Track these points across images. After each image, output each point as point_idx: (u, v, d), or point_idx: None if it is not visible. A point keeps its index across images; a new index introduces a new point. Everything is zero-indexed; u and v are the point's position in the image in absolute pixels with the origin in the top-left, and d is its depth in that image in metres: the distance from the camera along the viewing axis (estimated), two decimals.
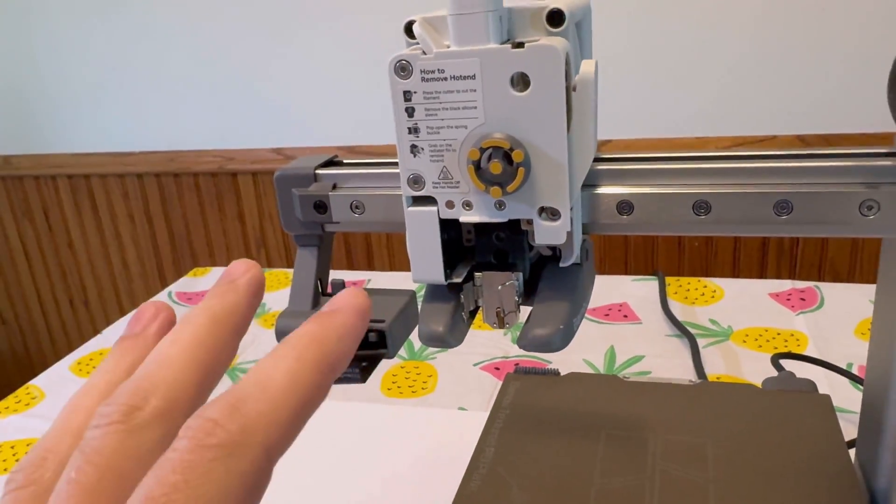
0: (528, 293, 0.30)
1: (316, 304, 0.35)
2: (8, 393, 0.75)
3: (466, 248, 0.30)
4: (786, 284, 0.83)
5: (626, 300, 0.83)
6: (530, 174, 0.25)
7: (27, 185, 1.66)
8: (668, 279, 0.86)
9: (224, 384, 0.19)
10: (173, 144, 1.51)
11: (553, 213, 0.26)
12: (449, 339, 0.29)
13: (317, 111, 1.40)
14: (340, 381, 0.32)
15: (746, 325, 0.75)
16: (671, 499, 0.40)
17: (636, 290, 0.85)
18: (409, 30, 0.27)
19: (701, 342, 0.72)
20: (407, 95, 0.26)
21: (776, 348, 0.70)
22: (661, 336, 0.75)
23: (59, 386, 0.76)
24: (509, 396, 0.51)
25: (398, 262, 1.44)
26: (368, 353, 0.32)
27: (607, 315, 0.80)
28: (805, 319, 0.76)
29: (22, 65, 1.55)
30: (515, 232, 0.29)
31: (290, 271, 0.99)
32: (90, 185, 1.60)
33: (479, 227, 0.29)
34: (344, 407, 0.66)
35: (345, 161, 0.35)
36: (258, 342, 0.81)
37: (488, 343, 0.76)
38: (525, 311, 0.30)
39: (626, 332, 0.76)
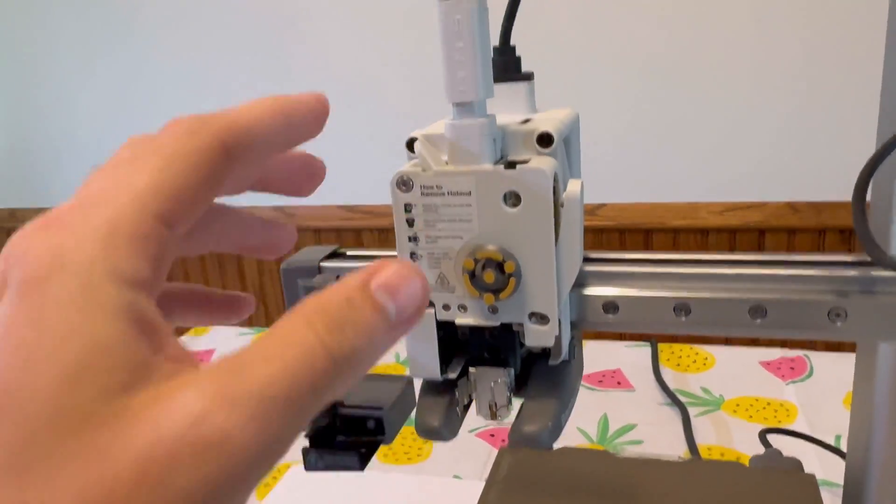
0: (520, 386, 0.32)
1: None
2: None
3: (461, 341, 0.31)
4: (776, 353, 0.85)
5: (619, 367, 0.85)
6: (521, 283, 0.27)
7: None
8: (661, 346, 0.87)
9: None
10: None
11: (542, 318, 0.28)
12: (444, 432, 0.30)
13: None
14: (340, 468, 0.34)
15: (738, 394, 0.77)
16: None
17: (630, 357, 0.87)
18: (410, 145, 0.29)
19: (692, 411, 0.73)
20: (408, 207, 0.28)
21: (766, 419, 0.72)
22: (653, 404, 0.76)
23: None
24: (503, 470, 0.53)
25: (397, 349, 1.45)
26: (367, 439, 0.34)
27: (601, 382, 0.82)
28: (795, 389, 0.77)
29: (28, 120, 1.59)
30: (507, 332, 0.30)
31: None
32: None
33: (474, 327, 0.31)
34: (340, 476, 0.67)
35: (347, 253, 0.37)
36: None
37: None
38: (517, 402, 0.32)
39: (620, 399, 0.78)
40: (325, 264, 0.36)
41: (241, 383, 0.16)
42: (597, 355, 0.87)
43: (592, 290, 0.32)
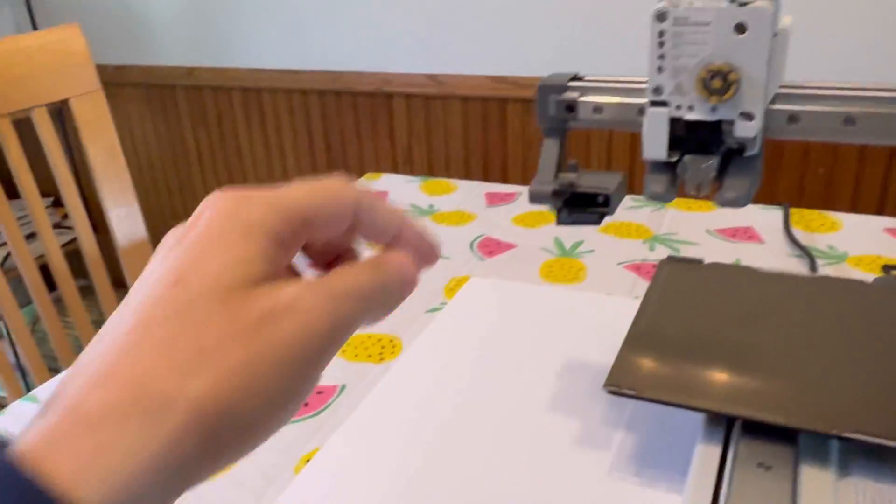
0: (718, 175, 0.44)
1: (556, 177, 0.51)
2: None
3: (680, 137, 0.44)
4: None
5: (751, 225, 0.95)
6: (740, 89, 0.40)
7: (206, 96, 1.88)
8: (792, 210, 0.97)
9: None
10: (337, 65, 1.68)
11: (749, 116, 0.40)
12: (667, 196, 0.44)
13: (469, 42, 1.54)
14: (581, 223, 0.48)
15: (861, 252, 0.87)
16: (789, 351, 0.54)
17: (762, 217, 0.97)
18: None
19: (819, 262, 0.84)
20: (661, 33, 0.40)
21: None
22: (782, 255, 0.87)
23: None
24: (664, 274, 0.66)
25: (614, 159, 1.57)
26: (599, 210, 0.48)
27: (734, 235, 0.93)
28: None
29: None
30: (716, 131, 0.43)
31: (451, 181, 1.16)
32: (261, 99, 1.81)
33: (691, 125, 0.43)
34: (515, 286, 0.83)
35: (586, 77, 0.50)
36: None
37: (629, 249, 0.90)
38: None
39: (751, 249, 0.89)
40: (571, 84, 0.49)
41: (326, 286, 0.26)
42: (731, 214, 0.98)
43: (780, 106, 0.43)
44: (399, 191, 1.15)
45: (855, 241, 0.89)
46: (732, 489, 0.45)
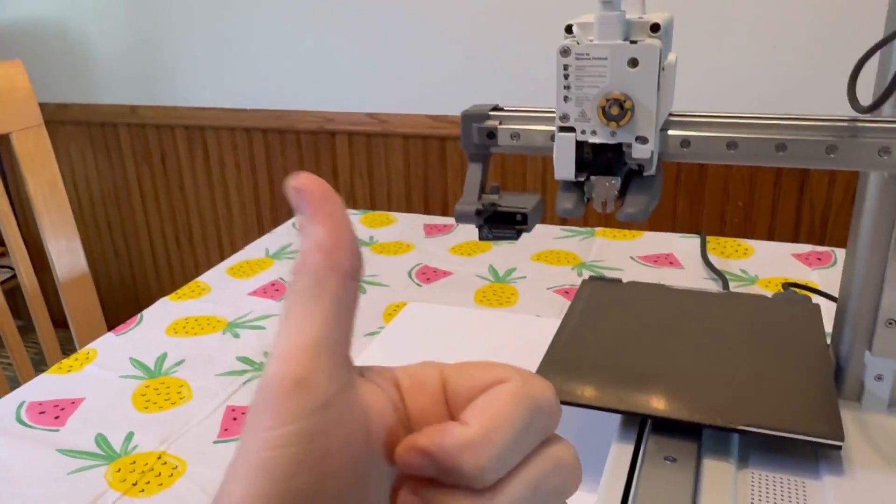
0: (621, 193, 0.49)
1: (480, 198, 0.55)
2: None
3: (586, 160, 0.49)
4: (807, 248, 1.01)
5: (672, 252, 1.02)
6: (634, 116, 0.45)
7: (149, 133, 1.90)
8: (709, 238, 1.04)
9: None
10: (281, 104, 1.72)
11: (644, 140, 0.46)
12: (576, 211, 0.48)
13: (410, 82, 1.60)
14: (501, 238, 0.53)
15: (770, 275, 0.94)
16: (696, 357, 0.59)
17: (681, 245, 1.04)
18: (568, 29, 0.46)
19: (731, 284, 0.90)
20: (566, 67, 0.46)
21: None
22: (699, 279, 0.94)
23: (222, 282, 0.98)
24: (585, 292, 0.71)
25: (529, 181, 1.64)
26: (517, 228, 0.52)
27: (656, 262, 0.99)
28: (819, 274, 0.94)
29: (152, 23, 1.78)
30: (618, 153, 0.48)
31: (391, 214, 1.20)
32: (204, 136, 1.84)
33: (596, 148, 0.48)
34: (447, 310, 0.87)
35: (505, 108, 0.55)
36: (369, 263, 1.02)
37: (559, 275, 0.96)
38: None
39: (671, 274, 0.95)
40: (492, 113, 0.54)
41: None
42: (654, 242, 1.04)
43: (674, 132, 0.49)
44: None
45: (765, 265, 0.96)
46: (641, 480, 0.49)
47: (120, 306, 2.07)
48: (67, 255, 1.15)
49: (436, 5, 1.52)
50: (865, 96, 0.47)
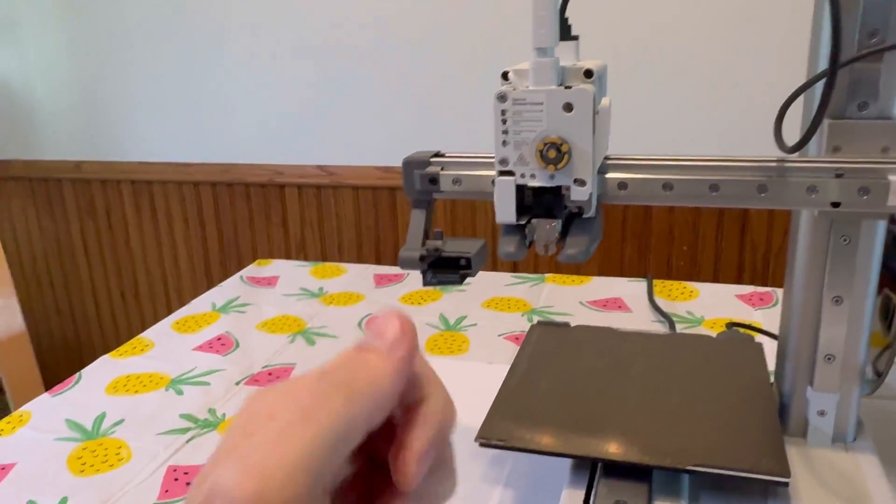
0: (562, 236, 0.50)
1: (423, 244, 0.55)
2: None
3: (527, 204, 0.50)
4: (749, 289, 1.03)
5: (620, 296, 1.03)
6: (571, 159, 0.46)
7: (94, 188, 1.86)
8: (656, 281, 1.06)
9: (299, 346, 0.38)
10: (229, 157, 1.71)
11: (582, 182, 0.46)
12: (518, 254, 0.48)
13: (359, 134, 1.61)
14: (445, 283, 0.52)
15: (715, 316, 0.95)
16: (644, 399, 0.60)
17: (629, 289, 1.05)
18: (504, 76, 0.47)
19: (678, 326, 0.92)
20: (503, 112, 0.46)
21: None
22: (647, 321, 0.95)
23: (166, 338, 0.95)
24: (534, 337, 0.71)
25: (478, 226, 1.64)
26: (461, 272, 0.52)
27: (605, 306, 1.00)
28: (762, 313, 0.95)
29: (97, 79, 1.77)
30: (558, 195, 0.49)
31: (341, 265, 1.19)
32: (151, 191, 1.81)
33: (537, 191, 0.49)
34: None
35: (447, 154, 0.55)
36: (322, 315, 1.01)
37: (509, 321, 0.96)
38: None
39: (620, 317, 0.96)
40: (433, 159, 0.54)
41: None
42: (602, 287, 1.05)
43: (611, 175, 0.50)
44: (289, 276, 1.17)
45: (710, 307, 0.98)
46: None
47: (61, 366, 2.00)
48: (3, 314, 1.11)
49: (383, 58, 1.54)
50: (793, 137, 0.49)
